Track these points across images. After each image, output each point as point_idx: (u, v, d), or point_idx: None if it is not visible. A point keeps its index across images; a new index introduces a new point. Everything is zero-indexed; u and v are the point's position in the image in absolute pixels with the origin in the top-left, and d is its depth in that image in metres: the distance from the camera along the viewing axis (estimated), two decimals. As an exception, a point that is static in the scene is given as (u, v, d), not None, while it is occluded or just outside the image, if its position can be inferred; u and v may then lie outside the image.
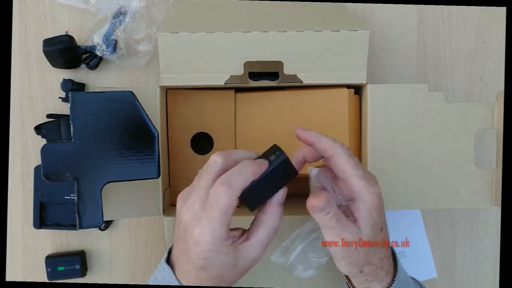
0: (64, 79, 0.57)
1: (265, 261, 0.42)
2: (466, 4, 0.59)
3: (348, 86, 0.47)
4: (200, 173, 0.36)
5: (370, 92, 0.45)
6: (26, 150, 0.59)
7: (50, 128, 0.55)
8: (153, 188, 0.45)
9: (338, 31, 0.44)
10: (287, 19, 0.49)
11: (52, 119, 0.57)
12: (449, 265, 0.61)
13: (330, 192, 0.37)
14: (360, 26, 0.45)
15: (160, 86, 0.46)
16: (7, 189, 0.58)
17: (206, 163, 0.36)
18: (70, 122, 0.40)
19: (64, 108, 0.58)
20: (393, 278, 0.40)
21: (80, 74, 0.58)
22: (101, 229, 0.59)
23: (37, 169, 0.56)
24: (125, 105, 0.42)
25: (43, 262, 0.57)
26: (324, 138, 0.37)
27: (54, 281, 0.57)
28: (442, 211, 0.60)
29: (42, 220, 0.56)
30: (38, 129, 0.56)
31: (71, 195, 0.55)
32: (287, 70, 0.45)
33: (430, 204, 0.46)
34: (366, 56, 0.45)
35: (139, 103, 0.42)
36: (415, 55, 0.60)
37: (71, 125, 0.40)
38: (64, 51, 0.55)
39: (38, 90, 0.59)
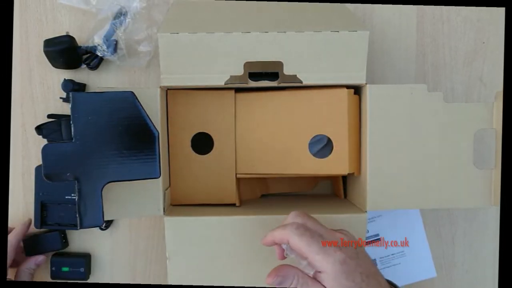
0: (65, 80, 0.57)
1: (271, 261, 0.43)
2: (465, 5, 0.59)
3: (348, 87, 0.47)
4: None
5: (370, 92, 0.45)
6: (27, 150, 0.59)
7: (51, 128, 0.56)
8: (154, 188, 0.45)
9: (338, 32, 0.44)
10: (287, 20, 0.49)
11: (53, 119, 0.57)
12: (449, 265, 0.61)
13: (299, 265, 0.38)
14: (360, 27, 0.45)
15: (161, 87, 0.46)
16: (8, 189, 0.58)
17: None
18: (71, 122, 0.40)
19: (65, 108, 0.58)
20: None
21: (81, 75, 0.59)
22: (102, 229, 0.59)
23: (38, 169, 0.56)
24: (126, 105, 0.42)
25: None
26: (277, 232, 0.39)
27: (55, 281, 0.57)
28: (442, 211, 0.60)
29: (43, 220, 0.56)
30: (39, 129, 0.56)
31: (72, 195, 0.55)
32: (287, 71, 0.45)
33: (430, 204, 0.46)
34: (366, 57, 0.45)
35: (140, 103, 0.42)
36: (415, 55, 0.60)
37: (72, 125, 0.41)
38: (65, 52, 0.55)
39: (39, 90, 0.59)
